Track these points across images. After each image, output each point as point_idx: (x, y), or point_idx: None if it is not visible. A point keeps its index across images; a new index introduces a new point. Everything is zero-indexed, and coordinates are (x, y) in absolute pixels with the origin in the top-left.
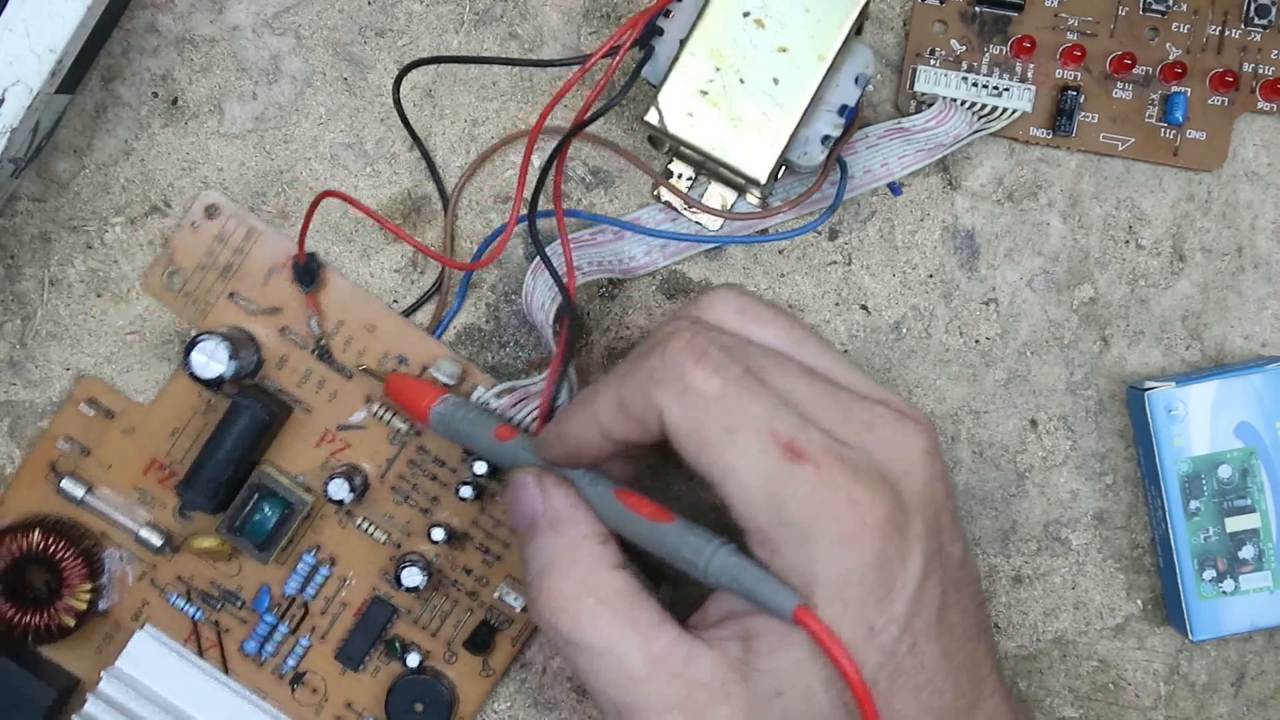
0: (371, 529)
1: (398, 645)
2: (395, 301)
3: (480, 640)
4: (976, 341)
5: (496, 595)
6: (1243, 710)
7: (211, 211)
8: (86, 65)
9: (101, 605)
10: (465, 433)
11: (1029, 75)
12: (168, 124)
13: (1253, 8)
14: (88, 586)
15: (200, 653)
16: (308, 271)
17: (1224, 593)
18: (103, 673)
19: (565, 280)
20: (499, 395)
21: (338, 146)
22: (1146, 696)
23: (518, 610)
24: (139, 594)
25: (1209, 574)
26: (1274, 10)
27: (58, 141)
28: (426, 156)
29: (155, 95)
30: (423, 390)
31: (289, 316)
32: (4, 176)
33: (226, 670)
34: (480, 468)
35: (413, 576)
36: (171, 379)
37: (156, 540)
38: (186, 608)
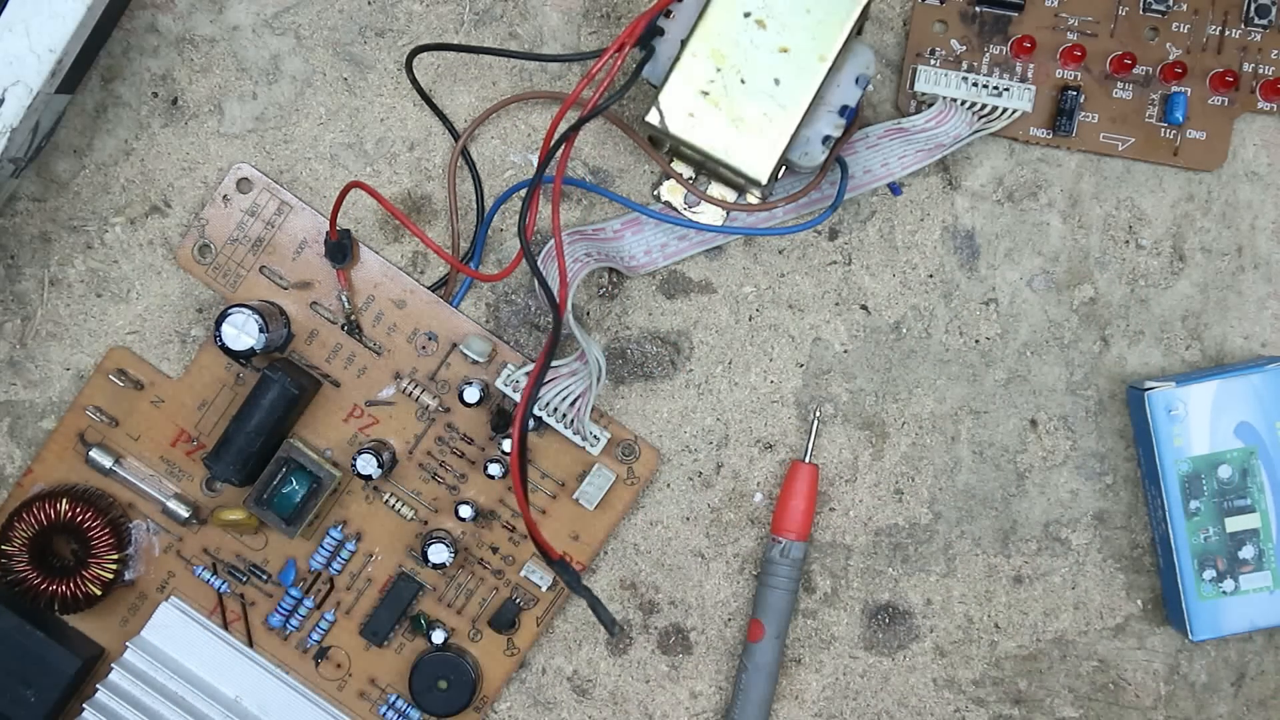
0: (398, 505)
1: (423, 622)
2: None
3: (505, 619)
4: (976, 341)
5: (522, 574)
6: (1243, 710)
7: (244, 185)
8: (86, 65)
9: (128, 576)
10: None
11: (1029, 75)
12: (168, 124)
13: (1253, 8)
14: (114, 556)
15: (225, 625)
16: (340, 248)
17: (1224, 593)
18: (128, 643)
19: (558, 289)
20: (528, 374)
21: (338, 146)
22: (1146, 696)
23: (543, 589)
24: (165, 565)
25: (1209, 574)
26: (1274, 10)
27: (58, 141)
28: (451, 130)
29: (155, 95)
30: None
31: (319, 291)
32: (4, 176)
33: (251, 643)
34: (508, 446)
35: (439, 553)
36: (200, 351)
37: (184, 512)
38: (212, 580)
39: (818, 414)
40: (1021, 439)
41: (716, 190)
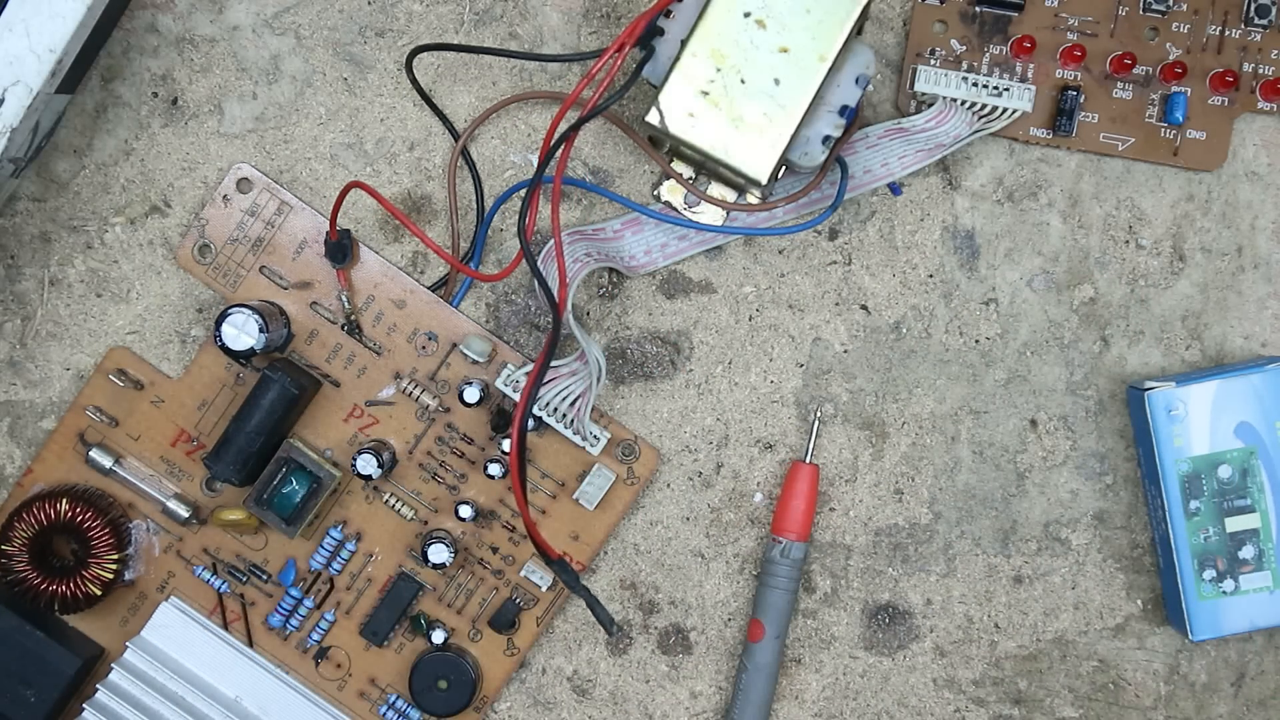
0: (398, 505)
1: (423, 622)
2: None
3: (505, 619)
4: (976, 341)
5: (522, 574)
6: (1243, 710)
7: (244, 185)
8: (86, 65)
9: (128, 576)
10: None
11: (1029, 75)
12: (168, 124)
13: (1253, 8)
14: (114, 556)
15: (225, 625)
16: (340, 248)
17: (1224, 593)
18: (128, 643)
19: (558, 289)
20: (528, 374)
21: (338, 146)
22: (1146, 696)
23: (543, 589)
24: (165, 565)
25: (1209, 574)
26: (1274, 10)
27: (58, 141)
28: (451, 130)
29: (155, 95)
30: None
31: (319, 291)
32: (4, 176)
33: (251, 644)
34: (508, 446)
35: (439, 553)
36: (200, 351)
37: (184, 512)
38: (212, 580)
39: (818, 414)
40: (1021, 439)
41: (716, 190)
